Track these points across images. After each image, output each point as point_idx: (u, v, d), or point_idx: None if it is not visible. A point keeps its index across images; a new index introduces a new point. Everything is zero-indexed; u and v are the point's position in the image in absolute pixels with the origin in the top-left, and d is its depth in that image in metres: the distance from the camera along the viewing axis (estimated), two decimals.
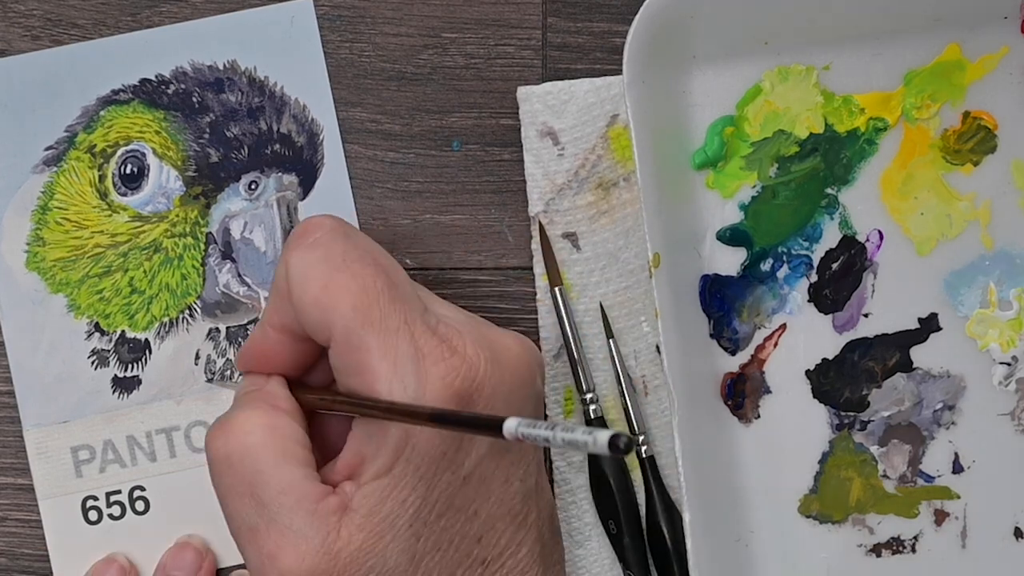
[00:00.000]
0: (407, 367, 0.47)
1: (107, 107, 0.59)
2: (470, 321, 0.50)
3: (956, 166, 0.57)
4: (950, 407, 0.57)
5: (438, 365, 0.47)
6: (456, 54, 0.59)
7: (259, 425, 0.48)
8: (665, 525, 0.57)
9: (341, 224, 0.50)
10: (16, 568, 0.59)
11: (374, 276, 0.48)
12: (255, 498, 0.47)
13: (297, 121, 0.59)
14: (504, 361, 0.49)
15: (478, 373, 0.48)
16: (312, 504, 0.47)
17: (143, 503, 0.59)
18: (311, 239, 0.49)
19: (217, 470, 0.49)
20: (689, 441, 0.54)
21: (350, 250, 0.49)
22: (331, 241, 0.49)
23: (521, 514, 0.50)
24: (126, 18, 0.59)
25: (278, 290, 0.50)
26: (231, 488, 0.48)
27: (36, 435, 0.59)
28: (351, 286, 0.48)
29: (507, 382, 0.49)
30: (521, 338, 0.51)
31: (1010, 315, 0.57)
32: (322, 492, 0.47)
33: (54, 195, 0.59)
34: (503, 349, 0.49)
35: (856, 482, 0.57)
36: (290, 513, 0.47)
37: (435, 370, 0.47)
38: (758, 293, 0.57)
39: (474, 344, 0.48)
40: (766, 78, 0.57)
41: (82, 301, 0.59)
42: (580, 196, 0.58)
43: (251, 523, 0.47)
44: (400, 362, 0.47)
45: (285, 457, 0.48)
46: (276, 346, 0.51)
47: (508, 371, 0.49)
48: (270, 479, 0.47)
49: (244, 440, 0.48)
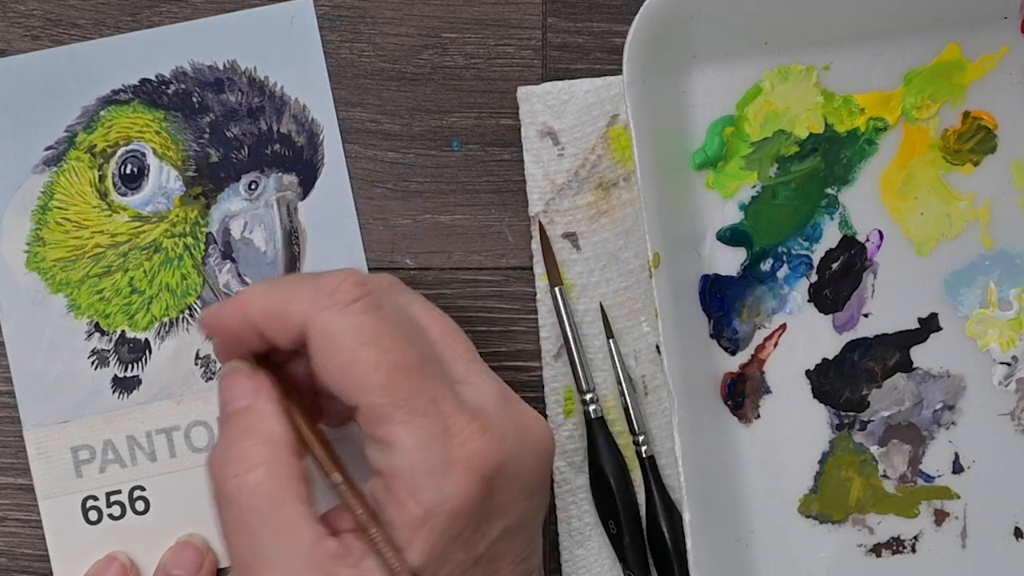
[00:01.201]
0: (433, 447, 0.46)
1: (107, 107, 0.59)
2: (499, 395, 0.49)
3: (956, 166, 0.57)
4: (950, 407, 0.57)
5: (465, 446, 0.46)
6: (456, 54, 0.59)
7: (259, 462, 0.47)
8: (665, 525, 0.57)
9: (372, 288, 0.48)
10: (16, 568, 0.59)
11: (404, 352, 0.47)
12: (251, 536, 0.47)
13: (297, 121, 0.59)
14: (528, 442, 0.49)
15: (504, 456, 0.47)
16: (308, 547, 0.46)
17: (143, 503, 0.59)
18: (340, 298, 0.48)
19: (218, 504, 0.48)
20: (689, 441, 0.54)
21: (381, 321, 0.47)
22: (362, 310, 0.47)
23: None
24: (126, 18, 0.59)
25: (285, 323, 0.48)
26: (229, 524, 0.47)
27: (36, 435, 0.59)
28: (381, 363, 0.47)
29: (528, 465, 0.48)
30: (541, 418, 0.50)
31: (1010, 315, 0.57)
32: (319, 535, 0.47)
33: (54, 195, 0.59)
34: (527, 430, 0.49)
35: (856, 482, 0.57)
36: (285, 554, 0.46)
37: (461, 452, 0.46)
38: (758, 293, 0.57)
39: (501, 426, 0.47)
40: (766, 78, 0.57)
41: (82, 301, 0.59)
42: (580, 196, 0.58)
43: (245, 560, 0.47)
44: (426, 441, 0.46)
45: (283, 497, 0.47)
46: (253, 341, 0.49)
47: (530, 454, 0.49)
48: (267, 519, 0.47)
49: (244, 478, 0.47)
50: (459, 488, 0.46)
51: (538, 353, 0.59)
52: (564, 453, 0.58)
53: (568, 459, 0.58)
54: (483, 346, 0.58)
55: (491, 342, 0.59)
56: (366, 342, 0.47)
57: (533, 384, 0.59)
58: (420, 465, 0.46)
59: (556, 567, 0.58)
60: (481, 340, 0.59)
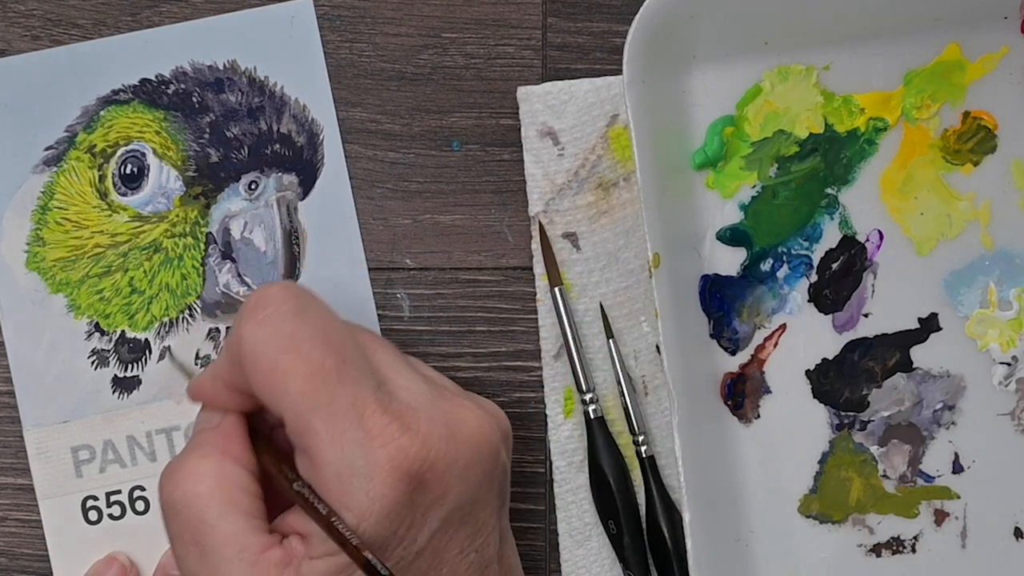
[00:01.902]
0: (355, 452, 0.46)
1: (107, 107, 0.59)
2: (429, 394, 0.49)
3: (956, 166, 0.57)
4: (950, 407, 0.57)
5: (387, 446, 0.47)
6: (456, 54, 0.59)
7: (207, 474, 0.48)
8: (665, 525, 0.57)
9: (294, 297, 0.49)
10: (16, 568, 0.59)
11: (323, 356, 0.47)
12: (199, 546, 0.47)
13: (297, 121, 0.59)
14: (461, 436, 0.48)
15: (430, 452, 0.47)
16: (253, 556, 0.47)
17: (143, 503, 0.59)
18: (262, 315, 0.48)
19: (165, 515, 0.49)
20: (689, 441, 0.54)
21: (300, 328, 0.48)
22: (280, 319, 0.48)
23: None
24: (126, 18, 0.59)
25: (230, 357, 0.49)
26: (177, 535, 0.48)
27: (36, 435, 0.59)
28: (298, 368, 0.47)
29: (463, 458, 0.48)
30: (483, 409, 0.50)
31: (1010, 315, 0.57)
32: (265, 543, 0.47)
33: (54, 195, 0.59)
34: (460, 423, 0.49)
35: (856, 482, 0.57)
36: (229, 563, 0.47)
37: (383, 452, 0.46)
38: (758, 293, 0.57)
39: (428, 420, 0.48)
40: (766, 78, 0.57)
41: (82, 301, 0.59)
42: (580, 196, 0.58)
43: (194, 570, 0.48)
44: (347, 446, 0.46)
45: (230, 507, 0.48)
46: (226, 398, 0.50)
47: (464, 446, 0.48)
48: (212, 529, 0.47)
49: (191, 488, 0.48)
50: (385, 489, 0.46)
51: (538, 353, 0.59)
52: (564, 453, 0.58)
53: (568, 459, 0.58)
54: (483, 346, 0.59)
55: (491, 342, 0.59)
56: (285, 349, 0.47)
57: (533, 384, 0.59)
58: (344, 471, 0.46)
59: (556, 567, 0.58)
60: (481, 340, 0.59)
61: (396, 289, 0.59)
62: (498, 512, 0.51)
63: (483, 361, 0.58)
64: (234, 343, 0.48)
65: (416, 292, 0.59)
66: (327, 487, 0.47)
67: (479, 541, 0.50)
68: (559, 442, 0.58)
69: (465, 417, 0.49)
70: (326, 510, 0.46)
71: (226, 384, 0.50)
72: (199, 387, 0.51)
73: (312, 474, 0.47)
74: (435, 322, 0.59)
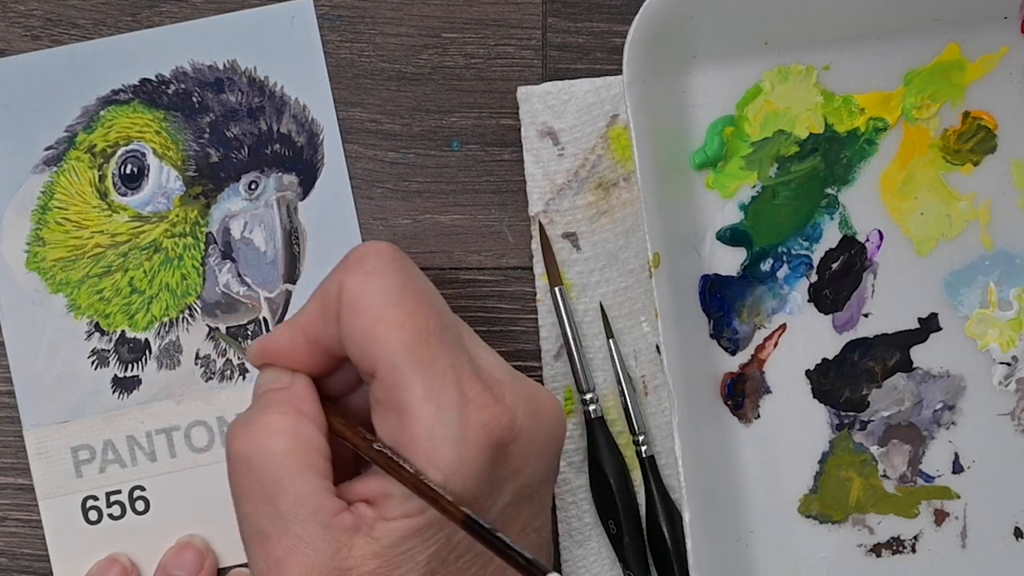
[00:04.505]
0: (451, 411, 0.47)
1: (107, 107, 0.59)
2: (509, 370, 0.50)
3: (956, 166, 0.57)
4: (950, 407, 0.57)
5: (481, 412, 0.47)
6: (456, 54, 0.59)
7: (284, 431, 0.48)
8: (665, 525, 0.57)
9: (400, 256, 0.49)
10: (16, 568, 0.59)
11: (428, 316, 0.47)
12: (270, 504, 0.47)
13: (297, 121, 0.59)
14: (541, 414, 0.49)
15: (516, 423, 0.48)
16: (327, 518, 0.47)
17: (143, 503, 0.59)
18: (370, 266, 0.48)
19: (236, 470, 0.48)
20: (689, 441, 0.54)
21: (408, 285, 0.48)
22: (391, 273, 0.48)
23: None
24: (126, 18, 0.59)
25: (325, 308, 0.49)
26: (248, 491, 0.48)
27: (36, 435, 0.59)
28: (406, 323, 0.47)
29: (541, 436, 0.49)
30: (553, 395, 0.51)
31: (1010, 315, 0.57)
32: (338, 507, 0.47)
33: (54, 195, 0.59)
34: (539, 402, 0.49)
35: (856, 482, 0.57)
36: (304, 524, 0.47)
37: (477, 416, 0.47)
38: (758, 293, 0.57)
39: (514, 394, 0.48)
40: (766, 78, 0.57)
41: (82, 301, 0.59)
42: (580, 196, 0.58)
43: (263, 528, 0.47)
44: (444, 406, 0.47)
45: (306, 467, 0.47)
46: (303, 355, 0.50)
47: (544, 425, 0.49)
48: (288, 488, 0.47)
49: (267, 444, 0.47)
50: (475, 452, 0.47)
51: (538, 353, 0.59)
52: (564, 453, 0.58)
53: (568, 459, 0.58)
54: None
55: (491, 342, 0.59)
56: (392, 303, 0.47)
57: None
58: (438, 430, 0.46)
59: (556, 567, 0.58)
60: None
61: None
62: (551, 499, 0.51)
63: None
64: (333, 291, 0.48)
65: None
66: (415, 444, 0.46)
67: (539, 521, 0.50)
68: None
69: (543, 397, 0.50)
70: (413, 468, 0.46)
71: (308, 339, 0.49)
72: (272, 344, 0.50)
73: (399, 431, 0.47)
74: None
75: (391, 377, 0.47)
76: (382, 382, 0.47)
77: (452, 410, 0.47)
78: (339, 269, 0.49)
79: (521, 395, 0.48)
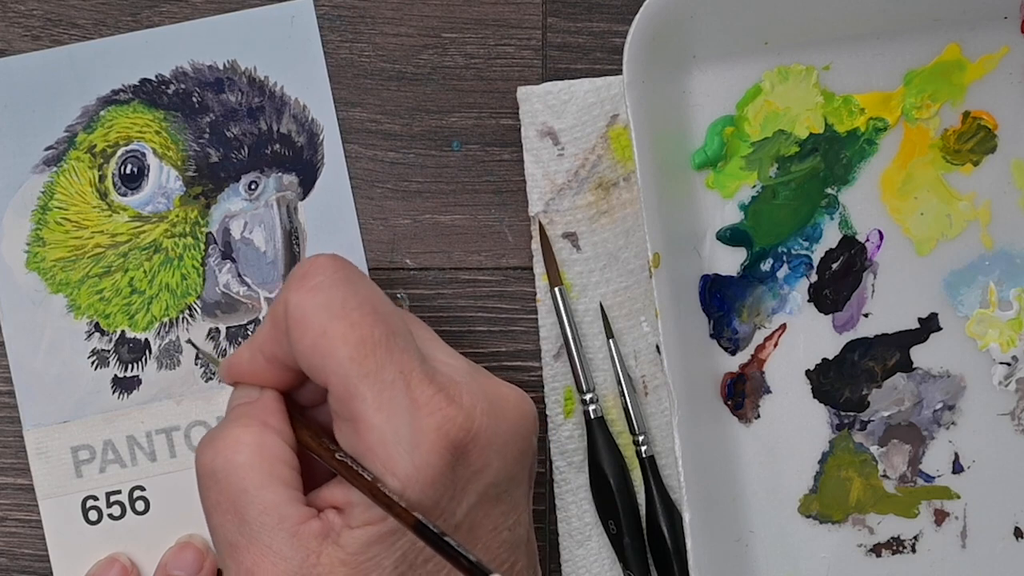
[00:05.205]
0: (401, 418, 0.47)
1: (107, 107, 0.59)
2: (469, 370, 0.50)
3: (956, 166, 0.57)
4: (950, 407, 0.57)
5: (433, 416, 0.47)
6: (456, 54, 0.59)
7: (248, 443, 0.48)
8: (665, 525, 0.57)
9: (344, 268, 0.49)
10: (16, 568, 0.59)
11: (372, 325, 0.48)
12: (238, 515, 0.48)
13: (297, 121, 0.59)
14: (501, 412, 0.49)
15: (473, 423, 0.48)
16: (294, 526, 0.47)
17: (143, 503, 0.59)
18: (312, 282, 0.49)
19: (203, 484, 0.49)
20: (689, 441, 0.54)
21: (350, 297, 0.48)
22: (331, 286, 0.48)
23: (507, 563, 0.50)
24: (126, 18, 0.59)
25: (275, 325, 0.49)
26: (216, 503, 0.48)
27: (36, 435, 0.59)
28: (349, 336, 0.47)
29: (503, 433, 0.49)
30: (519, 390, 0.51)
31: (1010, 315, 0.57)
32: (304, 515, 0.47)
33: (54, 195, 0.59)
34: (500, 399, 0.49)
35: (856, 482, 0.57)
36: (271, 533, 0.47)
37: (430, 421, 0.47)
38: (758, 293, 0.57)
39: (471, 394, 0.48)
40: (766, 78, 0.57)
41: (82, 301, 0.59)
42: (580, 196, 0.58)
43: (232, 539, 0.48)
44: (394, 413, 0.47)
45: (271, 477, 0.48)
46: (264, 372, 0.50)
47: (505, 422, 0.49)
48: (254, 498, 0.47)
49: (232, 457, 0.48)
50: (431, 457, 0.47)
51: (538, 353, 0.59)
52: (564, 453, 0.58)
53: (568, 459, 0.58)
54: (483, 346, 0.59)
55: (491, 342, 0.59)
56: (335, 316, 0.48)
57: (533, 384, 0.59)
58: (390, 438, 0.47)
59: (556, 567, 0.58)
60: (481, 340, 0.59)
61: (396, 289, 0.59)
62: (527, 495, 0.51)
63: (483, 361, 0.58)
64: (280, 310, 0.49)
65: (416, 292, 0.59)
66: (371, 453, 0.47)
67: (511, 520, 0.50)
68: (559, 442, 0.58)
69: (505, 394, 0.50)
70: (371, 476, 0.47)
71: (266, 356, 0.50)
72: (236, 363, 0.51)
73: (355, 442, 0.47)
74: (435, 322, 0.59)
75: (342, 389, 0.47)
76: (335, 394, 0.48)
77: (403, 417, 0.47)
78: (285, 286, 0.49)
79: (479, 394, 0.48)
